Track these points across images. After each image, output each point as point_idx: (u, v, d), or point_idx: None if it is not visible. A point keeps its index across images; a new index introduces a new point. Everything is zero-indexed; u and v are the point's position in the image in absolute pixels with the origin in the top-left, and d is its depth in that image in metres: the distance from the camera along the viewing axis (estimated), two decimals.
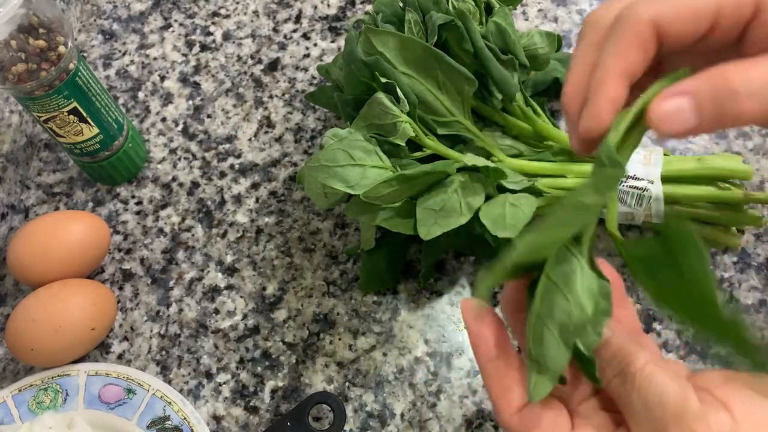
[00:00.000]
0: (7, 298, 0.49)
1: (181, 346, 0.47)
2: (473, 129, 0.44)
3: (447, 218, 0.41)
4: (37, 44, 0.42)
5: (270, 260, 0.49)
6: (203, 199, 0.52)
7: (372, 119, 0.42)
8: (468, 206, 0.41)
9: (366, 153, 0.41)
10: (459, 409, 0.43)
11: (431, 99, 0.43)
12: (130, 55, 0.60)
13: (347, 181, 0.40)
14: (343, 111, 0.44)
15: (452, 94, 0.43)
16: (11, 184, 0.52)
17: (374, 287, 0.47)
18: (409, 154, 0.43)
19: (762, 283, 0.46)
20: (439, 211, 0.41)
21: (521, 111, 0.46)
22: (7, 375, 0.46)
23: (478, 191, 0.41)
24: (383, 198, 0.40)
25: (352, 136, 0.41)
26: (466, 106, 0.43)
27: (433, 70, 0.42)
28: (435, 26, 0.43)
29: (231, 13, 0.62)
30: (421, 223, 0.41)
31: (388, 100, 0.41)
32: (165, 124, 0.56)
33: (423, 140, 0.43)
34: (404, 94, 0.41)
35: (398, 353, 0.45)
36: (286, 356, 0.46)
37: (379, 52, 0.42)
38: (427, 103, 0.43)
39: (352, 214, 0.42)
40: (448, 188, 0.41)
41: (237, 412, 0.44)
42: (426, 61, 0.42)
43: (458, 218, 0.41)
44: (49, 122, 0.46)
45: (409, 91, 0.42)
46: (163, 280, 0.49)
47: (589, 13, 0.31)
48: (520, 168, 0.44)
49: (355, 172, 0.40)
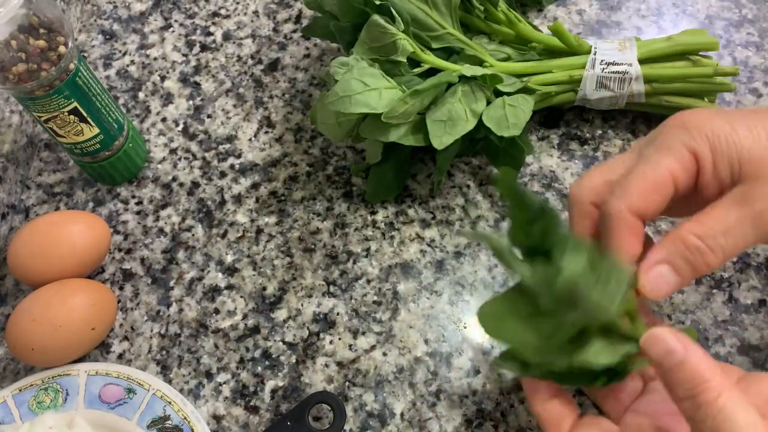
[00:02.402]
0: (8, 298, 0.49)
1: (181, 346, 0.47)
2: (464, 39, 0.47)
3: (455, 126, 0.45)
4: (38, 44, 0.42)
5: (270, 260, 0.49)
6: (203, 199, 0.52)
7: (371, 42, 0.45)
8: (472, 112, 0.45)
9: (374, 77, 0.44)
10: (459, 408, 0.43)
11: (422, 16, 0.46)
12: (130, 55, 0.60)
13: (369, 105, 0.43)
14: (341, 39, 0.47)
15: (440, 9, 0.46)
16: (11, 184, 0.52)
17: (381, 197, 0.51)
18: (409, 71, 0.46)
19: (762, 283, 0.46)
20: (447, 121, 0.45)
21: (505, 16, 0.50)
22: (8, 375, 0.46)
23: (479, 97, 0.45)
24: (401, 115, 0.44)
25: (359, 65, 0.44)
26: (455, 18, 0.47)
27: None
28: None
29: (231, 14, 0.62)
30: (433, 135, 0.45)
31: (384, 20, 0.44)
32: (165, 124, 0.56)
33: (420, 55, 0.46)
34: (398, 14, 0.44)
35: (398, 353, 0.45)
36: (286, 356, 0.46)
37: None
38: (419, 20, 0.46)
39: (367, 134, 0.45)
40: (453, 98, 0.45)
41: (237, 412, 0.44)
42: None
43: (465, 125, 0.45)
44: (50, 122, 0.46)
45: (402, 10, 0.45)
46: (163, 279, 0.49)
47: (571, 187, 0.37)
48: (511, 70, 0.48)
49: (373, 95, 0.43)
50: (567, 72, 0.49)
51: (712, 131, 0.33)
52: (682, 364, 0.29)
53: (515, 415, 0.43)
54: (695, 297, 0.45)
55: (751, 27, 0.57)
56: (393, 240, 0.49)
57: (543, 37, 0.50)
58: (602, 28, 0.58)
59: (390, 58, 0.45)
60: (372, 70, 0.44)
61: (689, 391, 0.29)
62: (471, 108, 0.45)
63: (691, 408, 0.29)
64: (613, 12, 0.59)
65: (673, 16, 0.58)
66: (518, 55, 0.50)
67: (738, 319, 0.45)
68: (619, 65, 0.48)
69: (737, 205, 0.32)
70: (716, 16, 0.57)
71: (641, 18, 0.58)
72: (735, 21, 0.57)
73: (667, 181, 0.33)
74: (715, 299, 0.45)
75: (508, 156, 0.47)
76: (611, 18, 0.58)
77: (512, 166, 0.49)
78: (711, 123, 0.33)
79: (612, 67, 0.48)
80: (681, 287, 0.33)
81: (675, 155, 0.33)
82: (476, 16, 0.50)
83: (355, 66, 0.44)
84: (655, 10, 0.58)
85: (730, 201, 0.32)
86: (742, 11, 0.57)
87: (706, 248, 0.32)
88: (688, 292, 0.46)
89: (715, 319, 0.45)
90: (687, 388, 0.29)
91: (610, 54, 0.49)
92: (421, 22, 0.46)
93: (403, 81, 0.45)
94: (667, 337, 0.30)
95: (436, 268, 0.48)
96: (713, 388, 0.28)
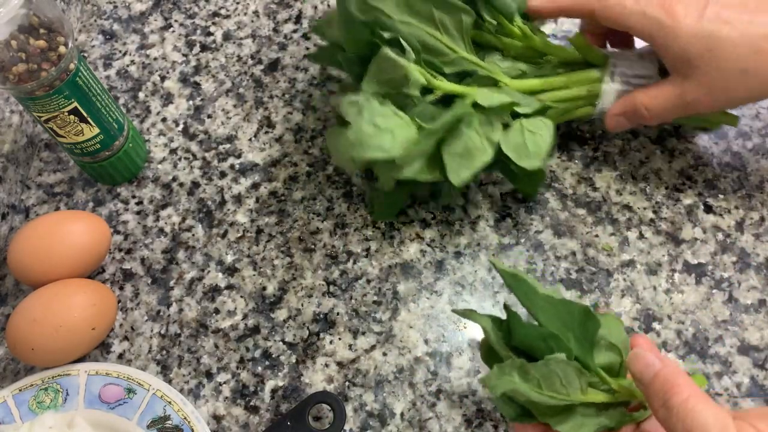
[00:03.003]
0: (8, 298, 0.49)
1: (181, 346, 0.47)
2: (478, 61, 0.45)
3: (472, 159, 0.43)
4: (38, 44, 0.42)
5: (270, 260, 0.49)
6: (203, 199, 0.52)
7: (381, 75, 0.43)
8: (489, 141, 0.43)
9: (386, 117, 0.42)
10: (459, 408, 0.43)
11: (432, 42, 0.44)
12: (130, 56, 0.60)
13: (383, 149, 0.42)
14: (350, 70, 0.46)
15: (451, 32, 0.44)
16: (12, 184, 0.52)
17: (388, 217, 0.50)
18: (422, 99, 0.43)
19: (762, 283, 0.46)
20: (464, 154, 0.43)
21: (520, 30, 0.47)
22: (8, 375, 0.46)
23: (495, 124, 0.43)
24: (415, 156, 0.42)
25: (370, 105, 0.42)
26: (467, 39, 0.45)
27: (428, 11, 0.43)
28: None
29: (231, 14, 0.62)
30: (450, 170, 0.43)
31: (394, 53, 0.42)
32: (165, 124, 0.56)
33: (433, 84, 0.44)
34: (408, 43, 0.42)
35: (398, 353, 0.45)
36: (286, 356, 0.46)
37: (374, 6, 0.42)
38: (429, 46, 0.44)
39: (382, 173, 0.44)
40: (469, 129, 0.43)
41: (237, 412, 0.44)
42: (421, 5, 0.43)
43: (482, 156, 0.43)
44: (50, 122, 0.46)
45: (411, 39, 0.43)
46: (163, 279, 0.49)
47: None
48: (527, 88, 0.46)
49: (386, 139, 0.42)
50: (585, 87, 0.47)
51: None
52: (657, 375, 0.31)
53: None
54: (695, 297, 0.46)
55: None
56: (393, 240, 0.49)
57: (558, 50, 0.47)
58: None
59: (402, 91, 0.43)
60: (383, 109, 0.42)
61: (663, 397, 0.30)
62: (488, 137, 0.43)
63: (665, 413, 0.30)
64: None
65: None
66: (533, 70, 0.47)
67: (738, 319, 0.45)
68: (640, 78, 0.46)
69: (677, 96, 0.43)
70: None
71: None
72: None
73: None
74: (715, 299, 0.45)
75: (526, 177, 0.46)
76: None
77: (531, 188, 0.48)
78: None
79: (634, 79, 0.46)
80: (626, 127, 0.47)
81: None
82: (487, 31, 0.47)
83: (365, 107, 0.42)
84: None
85: (671, 89, 0.43)
86: None
87: (648, 116, 0.45)
88: (687, 292, 0.46)
89: (715, 319, 0.45)
90: (661, 396, 0.31)
91: (629, 65, 0.46)
92: (432, 48, 0.44)
93: (417, 112, 0.43)
94: (646, 354, 0.32)
95: (436, 268, 0.48)
96: (683, 390, 0.30)
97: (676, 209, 0.49)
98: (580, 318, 0.35)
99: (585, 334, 0.35)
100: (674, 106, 0.44)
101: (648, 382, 0.32)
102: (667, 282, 0.46)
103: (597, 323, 0.35)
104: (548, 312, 0.35)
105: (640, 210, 0.49)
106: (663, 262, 0.47)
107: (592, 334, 0.35)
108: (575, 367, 0.34)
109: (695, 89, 0.42)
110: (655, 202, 0.49)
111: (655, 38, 0.42)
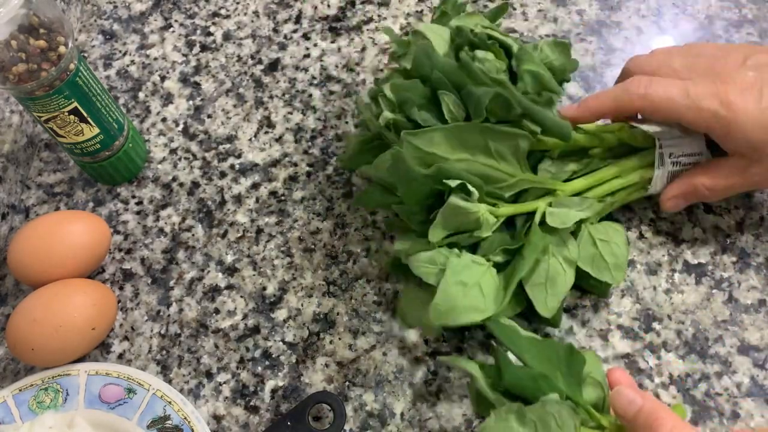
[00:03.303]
0: (8, 298, 0.49)
1: (181, 346, 0.47)
2: (535, 178, 0.44)
3: (555, 285, 0.41)
4: (38, 44, 0.42)
5: (270, 260, 0.49)
6: (203, 199, 0.52)
7: (451, 223, 0.41)
8: (567, 262, 0.42)
9: (468, 269, 0.40)
10: (459, 408, 0.43)
11: (490, 172, 0.42)
12: (130, 56, 0.60)
13: (478, 309, 0.39)
14: (411, 221, 0.43)
15: (508, 157, 0.42)
16: (12, 184, 0.52)
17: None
18: (488, 232, 0.42)
19: (762, 283, 0.46)
20: (547, 282, 0.41)
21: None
22: (8, 375, 0.46)
23: (567, 241, 0.42)
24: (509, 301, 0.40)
25: (451, 262, 0.40)
26: (522, 161, 0.43)
27: (483, 144, 0.41)
28: (482, 104, 0.41)
29: (231, 14, 0.62)
30: (537, 302, 0.41)
31: (461, 198, 0.40)
32: (165, 124, 0.56)
33: (497, 213, 0.42)
34: (471, 184, 0.40)
35: (398, 353, 0.45)
36: (286, 356, 0.46)
37: (429, 152, 0.41)
38: (488, 177, 0.42)
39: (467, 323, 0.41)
40: (545, 255, 0.42)
41: (237, 412, 0.44)
42: (475, 139, 0.41)
43: (564, 280, 0.42)
44: (50, 122, 0.46)
45: (471, 177, 0.41)
46: (163, 279, 0.49)
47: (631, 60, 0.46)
48: (582, 188, 0.44)
49: (475, 296, 0.40)
50: (637, 173, 0.45)
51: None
52: (640, 411, 0.33)
53: None
54: (695, 297, 0.46)
55: (751, 27, 0.57)
56: (393, 239, 0.49)
57: (603, 141, 0.45)
58: (602, 28, 0.58)
59: (473, 235, 0.41)
60: (461, 262, 0.40)
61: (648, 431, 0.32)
62: (564, 257, 0.42)
63: None
64: (613, 12, 0.59)
65: (672, 16, 0.58)
66: (581, 167, 0.45)
67: (738, 319, 0.45)
68: (690, 156, 0.44)
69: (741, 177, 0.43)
70: (716, 16, 0.57)
71: (641, 18, 0.58)
72: (735, 21, 0.57)
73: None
74: (715, 299, 0.45)
75: (599, 284, 0.44)
76: (611, 18, 0.58)
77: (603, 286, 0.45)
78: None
79: (684, 158, 0.44)
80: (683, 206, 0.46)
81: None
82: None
83: (447, 265, 0.40)
84: (655, 10, 0.58)
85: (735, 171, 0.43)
86: (742, 11, 0.57)
87: (709, 195, 0.44)
88: (687, 292, 0.46)
89: (715, 319, 0.45)
90: (646, 430, 0.32)
91: (677, 143, 0.45)
92: (491, 178, 0.42)
93: (485, 247, 0.42)
94: (627, 391, 0.34)
95: None
96: (666, 422, 0.32)
97: None
98: (565, 356, 0.36)
99: (571, 371, 0.36)
100: (739, 185, 0.43)
101: (632, 418, 0.33)
102: (667, 282, 0.46)
103: (582, 360, 0.36)
104: (533, 352, 0.36)
105: (640, 210, 0.49)
106: (663, 262, 0.47)
107: (578, 372, 0.36)
108: (569, 407, 0.34)
109: (761, 171, 0.42)
110: (655, 202, 0.49)
111: (714, 130, 0.41)
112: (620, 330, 0.45)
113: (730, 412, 0.42)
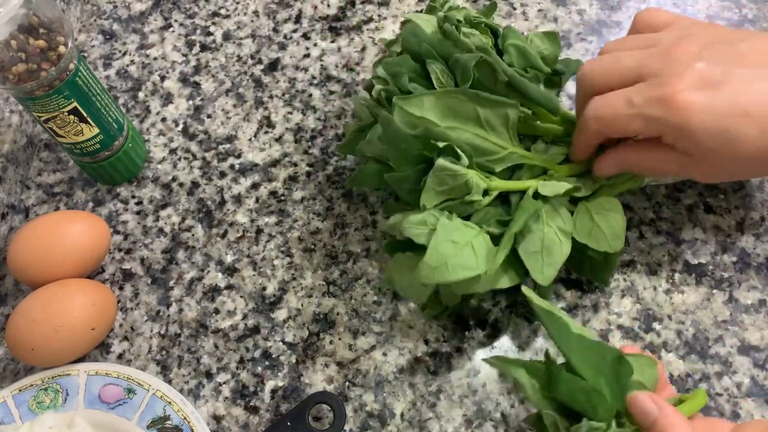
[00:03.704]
0: (7, 298, 0.49)
1: (181, 346, 0.47)
2: (527, 154, 0.44)
3: (551, 255, 0.41)
4: (38, 44, 0.42)
5: (270, 260, 0.49)
6: (203, 199, 0.52)
7: (440, 186, 0.41)
8: (563, 233, 0.42)
9: (459, 231, 0.40)
10: (459, 409, 0.43)
11: (480, 142, 0.42)
12: (130, 55, 0.60)
13: (470, 267, 0.39)
14: (401, 189, 0.42)
15: (498, 129, 0.42)
16: (11, 184, 0.52)
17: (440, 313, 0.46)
18: (481, 204, 0.42)
19: (762, 283, 0.46)
20: (543, 251, 0.41)
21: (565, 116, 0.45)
22: (7, 375, 0.46)
23: (562, 213, 0.42)
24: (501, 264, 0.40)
25: (441, 223, 0.40)
26: (513, 134, 0.42)
27: (473, 112, 0.41)
28: (468, 68, 0.41)
29: (231, 13, 0.62)
30: (534, 271, 0.41)
31: (450, 161, 0.40)
32: (165, 124, 0.56)
33: (491, 186, 0.42)
34: (459, 148, 0.40)
35: (398, 353, 0.45)
36: (286, 356, 0.46)
37: (419, 117, 0.41)
38: (478, 147, 0.42)
39: (462, 290, 0.41)
40: (538, 223, 0.41)
41: (237, 412, 0.44)
42: (465, 106, 0.41)
43: (561, 249, 0.42)
44: (50, 122, 0.46)
45: (460, 143, 0.40)
46: (163, 280, 0.49)
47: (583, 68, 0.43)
48: (577, 171, 0.45)
49: (467, 254, 0.39)
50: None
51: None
52: (655, 422, 0.32)
53: (515, 415, 0.43)
54: (695, 297, 0.46)
55: (751, 27, 0.57)
56: None
57: None
58: (602, 28, 0.58)
59: (464, 200, 0.41)
60: (453, 224, 0.40)
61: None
62: (560, 228, 0.42)
63: None
64: (613, 12, 0.59)
65: None
66: None
67: (738, 319, 0.45)
68: None
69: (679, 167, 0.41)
70: (716, 16, 0.57)
71: None
72: (735, 21, 0.57)
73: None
74: (715, 299, 0.45)
75: (599, 264, 0.44)
76: (611, 18, 0.58)
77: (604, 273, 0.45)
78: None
79: None
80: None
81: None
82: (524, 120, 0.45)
83: (437, 225, 0.40)
84: None
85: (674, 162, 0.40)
86: (742, 11, 0.57)
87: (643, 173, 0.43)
88: (687, 292, 0.46)
89: (715, 319, 0.45)
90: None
91: None
92: (481, 149, 0.42)
93: (479, 217, 0.42)
94: (645, 399, 0.33)
95: None
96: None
97: (676, 209, 0.49)
98: (612, 363, 0.35)
99: (617, 379, 0.35)
100: (674, 174, 0.42)
101: (651, 427, 0.33)
102: (667, 282, 0.46)
103: (630, 370, 0.35)
104: (580, 353, 0.35)
105: (640, 210, 0.49)
106: (663, 262, 0.47)
107: (624, 380, 0.35)
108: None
109: (703, 168, 0.40)
110: (655, 202, 0.49)
111: (665, 135, 0.39)
112: (620, 330, 0.45)
113: (730, 412, 0.42)
